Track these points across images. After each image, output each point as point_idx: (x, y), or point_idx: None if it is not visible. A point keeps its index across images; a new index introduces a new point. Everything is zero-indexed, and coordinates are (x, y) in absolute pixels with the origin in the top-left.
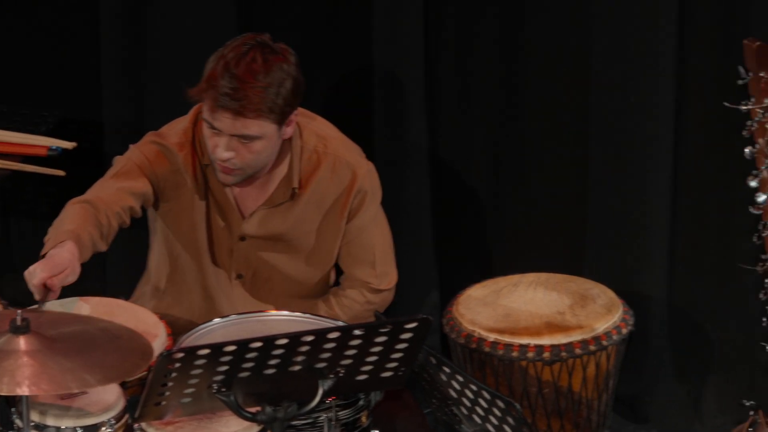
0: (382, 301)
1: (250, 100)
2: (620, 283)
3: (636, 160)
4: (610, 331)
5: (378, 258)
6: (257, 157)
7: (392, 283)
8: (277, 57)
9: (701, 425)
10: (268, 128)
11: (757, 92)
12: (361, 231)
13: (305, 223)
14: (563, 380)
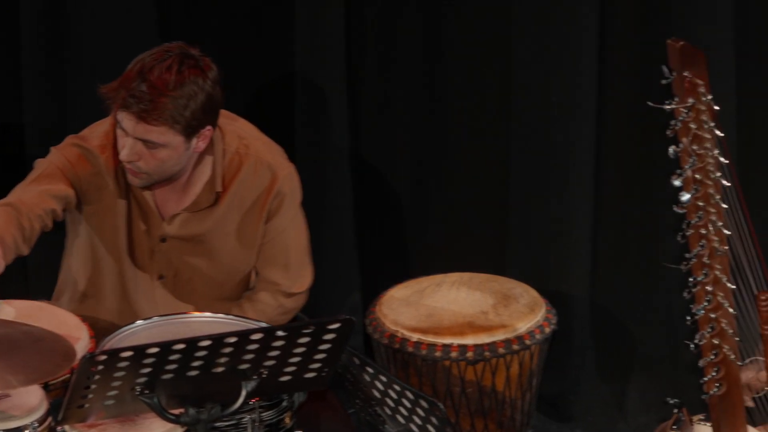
0: (295, 304)
1: (155, 107)
2: (543, 282)
3: (558, 160)
4: (533, 331)
5: (292, 261)
6: (162, 165)
7: (305, 286)
8: (194, 70)
9: (625, 424)
10: (172, 138)
11: (681, 91)
12: (278, 233)
13: (226, 224)
14: (487, 380)
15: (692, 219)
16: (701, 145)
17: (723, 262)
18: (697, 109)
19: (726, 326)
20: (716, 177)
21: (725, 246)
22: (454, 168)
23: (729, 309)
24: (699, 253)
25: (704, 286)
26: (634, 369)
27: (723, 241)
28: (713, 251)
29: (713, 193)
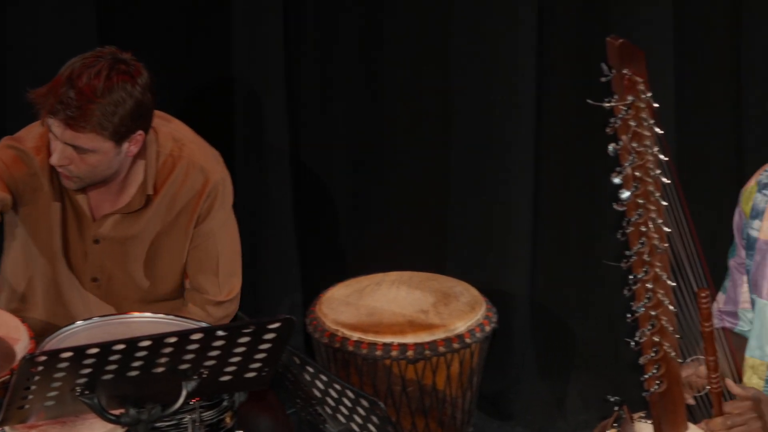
0: (225, 313)
1: (82, 114)
2: (483, 280)
3: (497, 159)
4: (473, 329)
5: (222, 267)
6: (93, 170)
7: (234, 292)
8: (123, 76)
9: (565, 422)
10: (101, 144)
11: (620, 89)
12: (207, 237)
13: (157, 226)
14: (427, 378)
15: (632, 216)
16: (641, 143)
17: (663, 260)
18: (637, 107)
19: (666, 323)
20: (656, 174)
21: (665, 243)
22: (394, 167)
23: (669, 306)
24: (639, 250)
25: (644, 283)
26: (574, 367)
27: (663, 238)
28: (653, 249)
29: (653, 191)
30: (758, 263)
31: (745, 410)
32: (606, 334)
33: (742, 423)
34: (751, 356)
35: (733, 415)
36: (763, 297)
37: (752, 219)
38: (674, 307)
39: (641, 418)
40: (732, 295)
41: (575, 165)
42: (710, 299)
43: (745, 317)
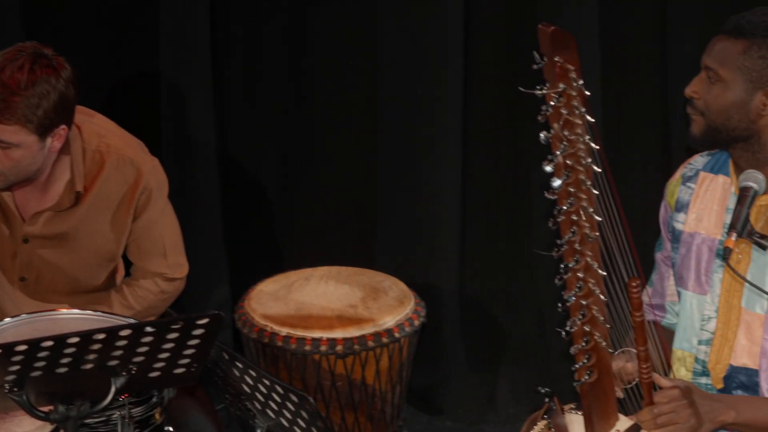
0: (176, 290)
1: (7, 106)
2: (412, 274)
3: (425, 151)
4: (402, 324)
5: (169, 249)
6: (17, 165)
7: (184, 272)
8: (46, 70)
9: (495, 415)
10: (25, 138)
11: (552, 77)
12: (149, 226)
13: (91, 223)
14: (356, 373)
15: (563, 205)
16: (572, 131)
17: (594, 249)
18: (568, 95)
19: (597, 313)
20: (587, 163)
21: (596, 232)
22: (322, 162)
23: (600, 296)
24: (570, 239)
25: (575, 272)
26: (504, 359)
27: (594, 227)
28: (584, 237)
29: (584, 179)
30: (683, 256)
31: (674, 399)
32: (537, 325)
33: (671, 411)
34: (679, 348)
35: (662, 404)
36: (688, 289)
37: (677, 212)
38: (605, 297)
39: (572, 409)
40: (659, 288)
41: (505, 154)
42: (641, 289)
43: (673, 310)
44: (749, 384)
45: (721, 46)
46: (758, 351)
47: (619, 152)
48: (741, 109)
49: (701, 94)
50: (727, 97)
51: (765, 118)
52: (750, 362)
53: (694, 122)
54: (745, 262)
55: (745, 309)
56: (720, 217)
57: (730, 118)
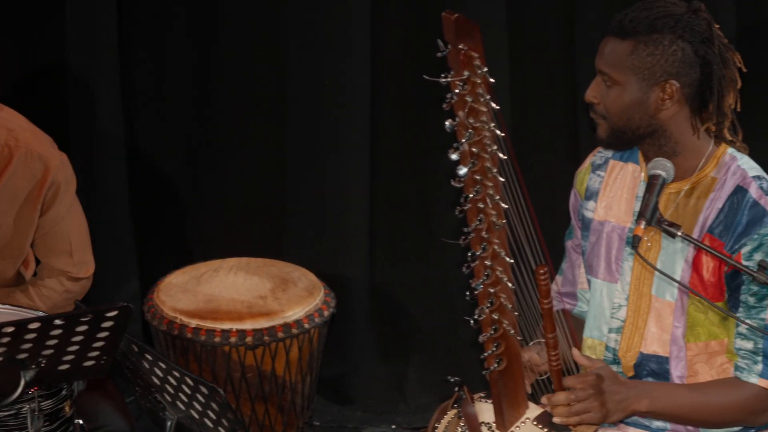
0: (81, 289)
1: None
2: (321, 265)
3: (332, 142)
4: (312, 314)
5: (75, 247)
6: None
7: (90, 271)
8: None
9: (406, 405)
10: None
11: (456, 64)
12: (56, 222)
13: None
14: (266, 364)
15: (470, 193)
16: (477, 118)
17: (501, 236)
18: (473, 82)
19: (505, 301)
20: (493, 150)
21: (503, 220)
22: (230, 153)
23: (508, 284)
24: (477, 227)
25: (483, 260)
26: (414, 349)
27: (501, 214)
28: (491, 225)
29: (490, 167)
30: (593, 244)
31: (588, 386)
32: (446, 313)
33: (585, 398)
34: (589, 336)
35: (576, 391)
36: (598, 277)
37: (587, 200)
38: (513, 285)
39: (482, 398)
40: (570, 276)
41: (412, 142)
42: (549, 276)
43: (584, 298)
44: (660, 371)
45: (610, 49)
46: (669, 338)
47: (526, 139)
48: (640, 108)
49: (600, 98)
50: (625, 99)
51: (665, 111)
52: (660, 350)
53: (599, 126)
54: (655, 250)
55: (656, 297)
56: (630, 205)
57: (632, 119)
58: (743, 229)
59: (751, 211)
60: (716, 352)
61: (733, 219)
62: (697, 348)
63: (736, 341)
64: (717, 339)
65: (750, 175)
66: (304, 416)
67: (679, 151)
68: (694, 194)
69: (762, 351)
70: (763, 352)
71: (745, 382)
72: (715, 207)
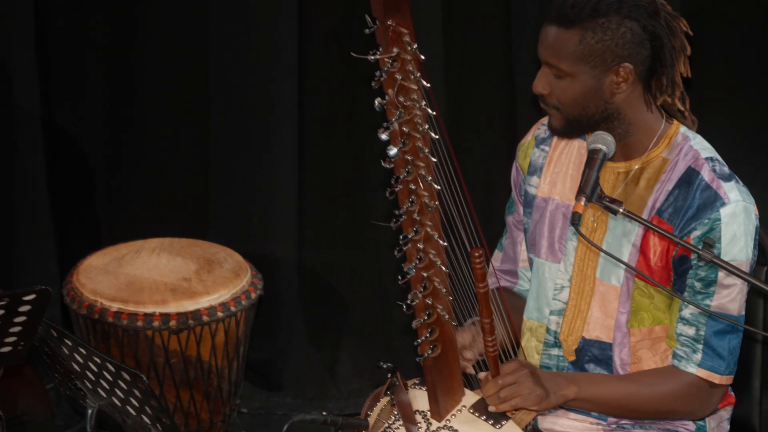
0: None
1: None
2: (248, 245)
3: (259, 120)
4: (238, 297)
5: None
6: None
7: None
8: None
9: (337, 391)
10: None
11: (385, 41)
12: None
13: None
14: (191, 349)
15: (401, 174)
16: (408, 97)
17: (434, 218)
18: (403, 59)
19: (439, 285)
20: (425, 129)
21: (435, 201)
22: (153, 130)
23: (442, 267)
24: (409, 209)
25: (415, 243)
26: (345, 333)
27: (433, 196)
28: (423, 207)
29: (422, 147)
30: (536, 221)
31: (517, 368)
32: (378, 297)
33: (513, 381)
34: (529, 318)
35: (505, 375)
36: (540, 257)
37: (530, 175)
38: (447, 268)
39: (415, 384)
40: (510, 253)
41: (342, 121)
42: (484, 259)
43: (525, 276)
44: (602, 357)
45: (554, 39)
46: (612, 324)
47: (461, 118)
48: (595, 96)
49: (549, 89)
50: (577, 89)
51: (619, 95)
52: (603, 335)
53: (552, 117)
54: (601, 231)
55: (600, 280)
56: (575, 182)
57: (587, 107)
58: (693, 213)
59: (703, 195)
60: (660, 338)
61: (683, 202)
62: (641, 334)
63: (677, 326)
64: (661, 324)
65: (702, 156)
66: (231, 403)
67: (632, 132)
68: (643, 175)
69: (704, 339)
70: (704, 340)
71: (682, 371)
72: (665, 189)
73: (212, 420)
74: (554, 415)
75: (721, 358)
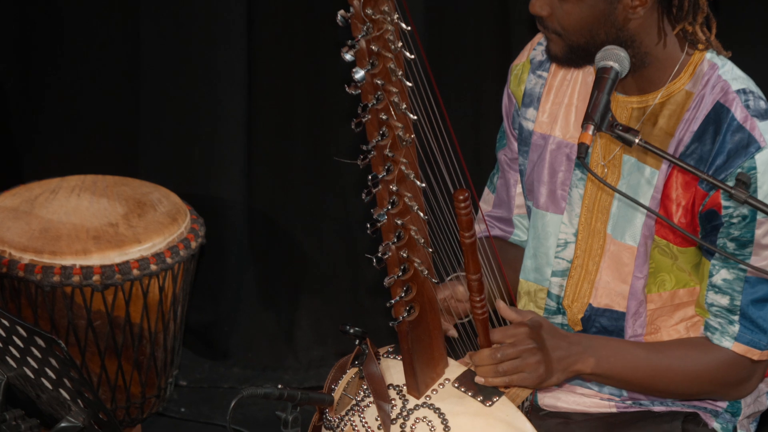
0: None
1: None
2: (187, 185)
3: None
4: (175, 246)
5: None
6: None
7: None
8: None
9: (295, 360)
10: None
11: None
12: None
13: None
14: (119, 309)
15: (369, 102)
16: (377, 9)
17: (409, 155)
18: None
19: (416, 235)
20: (398, 48)
21: (411, 134)
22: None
23: (419, 213)
24: (379, 143)
25: (387, 185)
26: (305, 291)
27: (408, 128)
28: (397, 141)
29: (394, 68)
30: (534, 163)
31: (520, 340)
32: (344, 249)
33: (516, 356)
34: (526, 279)
35: (505, 346)
36: (539, 206)
37: (525, 107)
38: (425, 215)
39: (389, 353)
40: (504, 196)
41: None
42: (470, 203)
43: (522, 225)
44: (613, 329)
45: None
46: (626, 291)
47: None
48: (606, 22)
49: (550, 10)
50: (584, 13)
51: (635, 20)
52: (615, 304)
53: (552, 42)
54: (612, 179)
55: (612, 237)
56: (581, 116)
57: (596, 35)
58: (723, 161)
59: (734, 138)
60: (685, 303)
61: (710, 147)
62: (661, 299)
63: (708, 294)
64: (687, 287)
65: (733, 88)
66: (166, 374)
67: (648, 62)
68: (663, 113)
69: (740, 309)
70: (741, 311)
71: (716, 345)
72: (690, 130)
73: (144, 395)
74: (558, 389)
75: (761, 331)
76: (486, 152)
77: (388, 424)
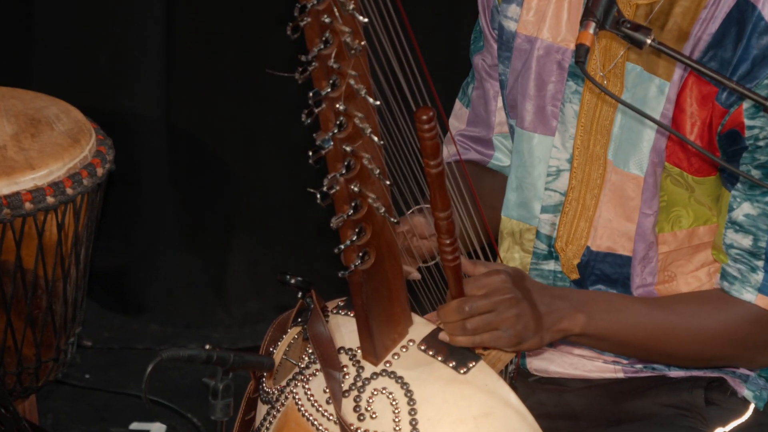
0: None
1: None
2: (91, 97)
3: None
4: (78, 173)
5: None
6: None
7: None
8: None
9: (227, 314)
10: None
11: None
12: None
13: None
14: (8, 252)
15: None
16: None
17: (360, 65)
18: None
19: (370, 164)
20: None
21: (361, 40)
22: None
23: (373, 138)
24: (321, 52)
25: (333, 102)
26: (236, 230)
27: (358, 33)
28: (344, 49)
29: None
30: (518, 73)
31: (496, 289)
32: (282, 179)
33: (489, 308)
34: (509, 217)
35: (476, 297)
36: (525, 126)
37: (506, 3)
38: (381, 140)
39: (339, 309)
40: (481, 111)
41: None
42: (437, 124)
43: (504, 147)
44: (617, 277)
45: None
46: (633, 230)
47: None
48: None
49: None
50: None
51: None
52: (618, 246)
53: None
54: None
55: (614, 165)
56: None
57: None
58: (748, 70)
59: (761, 41)
60: (706, 245)
61: (733, 53)
62: (676, 240)
63: (726, 234)
64: (708, 224)
65: None
66: (67, 333)
67: None
68: (675, 10)
69: (765, 252)
70: (766, 255)
71: (735, 298)
72: (707, 32)
73: (40, 358)
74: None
75: None
76: (458, 60)
77: (339, 398)
